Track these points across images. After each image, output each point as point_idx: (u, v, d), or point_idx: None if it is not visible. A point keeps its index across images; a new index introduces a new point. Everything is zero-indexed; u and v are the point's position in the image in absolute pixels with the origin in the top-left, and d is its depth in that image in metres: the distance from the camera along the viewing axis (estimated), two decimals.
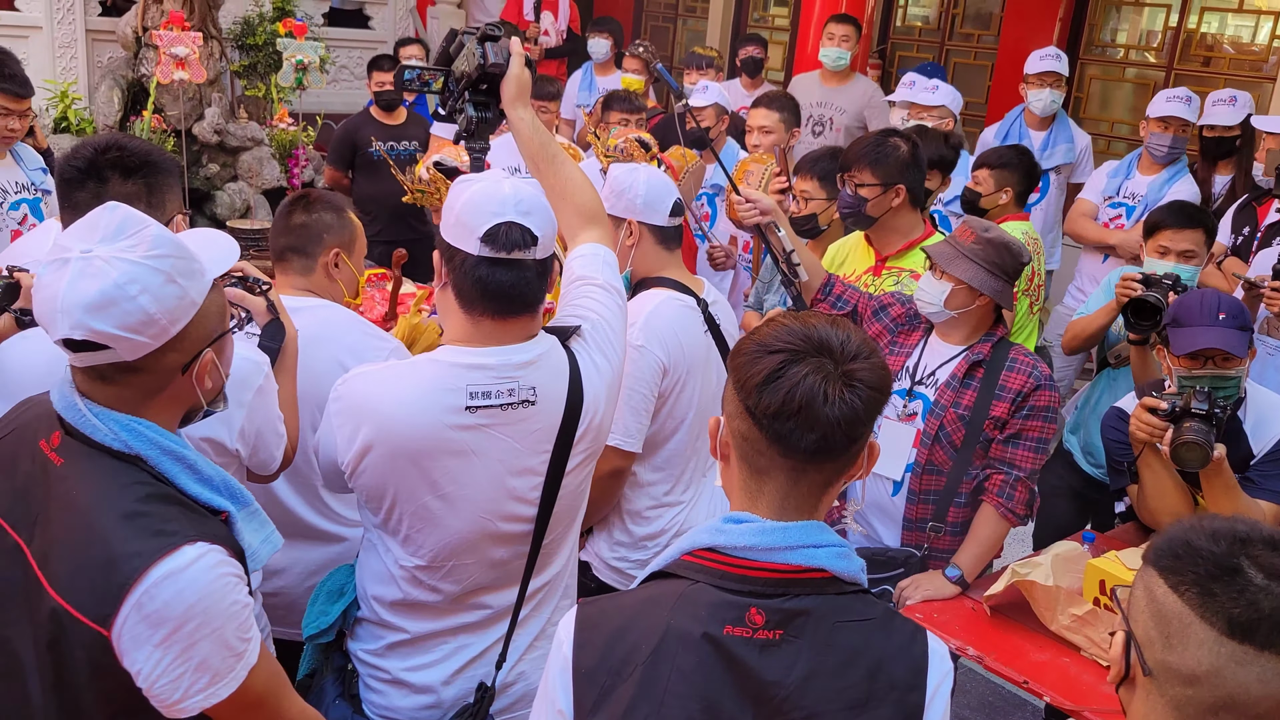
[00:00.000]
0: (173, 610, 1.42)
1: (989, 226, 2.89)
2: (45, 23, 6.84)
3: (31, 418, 1.60)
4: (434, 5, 9.14)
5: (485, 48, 2.23)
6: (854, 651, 1.37)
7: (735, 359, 1.41)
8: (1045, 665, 2.50)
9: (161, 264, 1.46)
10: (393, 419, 1.86)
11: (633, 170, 2.65)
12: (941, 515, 2.85)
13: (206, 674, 1.46)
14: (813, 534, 1.39)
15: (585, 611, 1.43)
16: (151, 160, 2.02)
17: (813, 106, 6.18)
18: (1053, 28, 7.59)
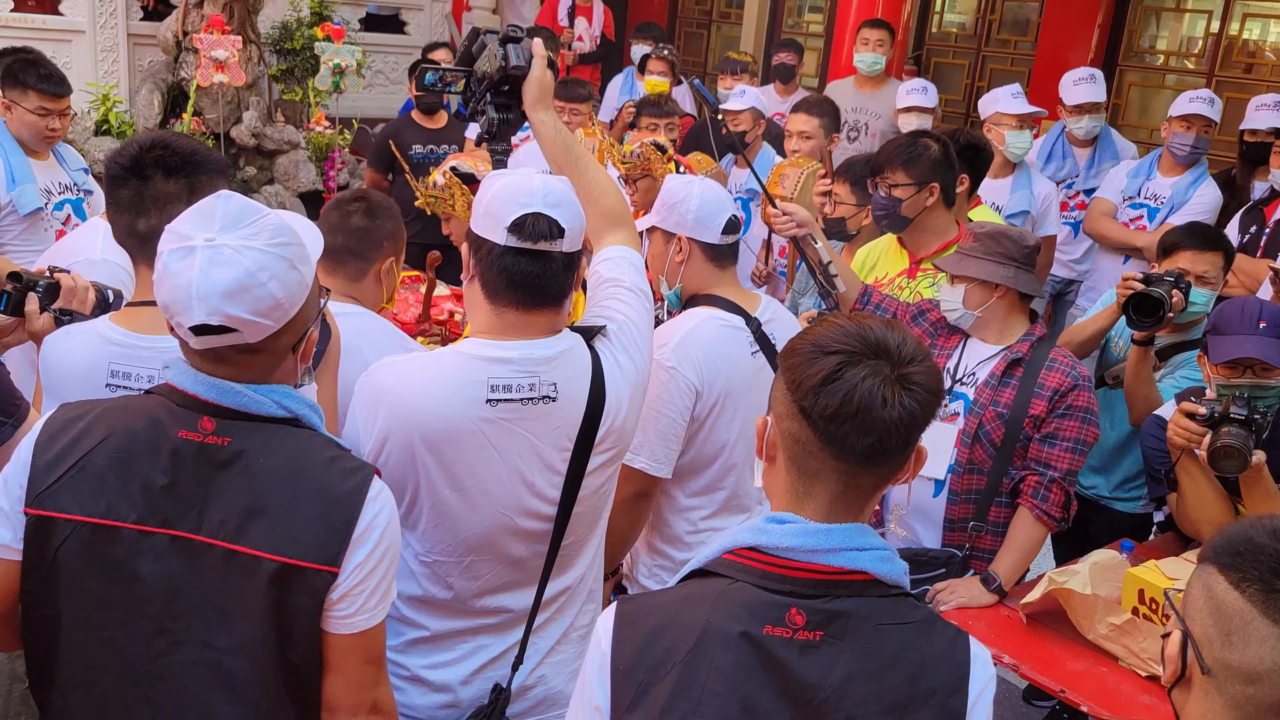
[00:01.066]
0: (373, 533, 1.56)
1: (982, 224, 2.93)
2: (88, 27, 6.96)
3: (127, 422, 1.58)
4: (469, 11, 9.20)
5: (507, 49, 2.23)
6: (895, 655, 1.35)
7: (789, 359, 1.39)
8: (1083, 674, 2.46)
9: (285, 251, 1.52)
10: (413, 408, 1.87)
11: (687, 184, 2.54)
12: (983, 515, 2.83)
13: (378, 594, 1.59)
14: (856, 537, 1.37)
15: (624, 608, 1.41)
16: (195, 160, 2.03)
17: (847, 112, 6.16)
18: (1091, 34, 7.53)
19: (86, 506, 1.54)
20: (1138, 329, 3.12)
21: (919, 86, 5.50)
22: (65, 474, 1.55)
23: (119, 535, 1.54)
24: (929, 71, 8.87)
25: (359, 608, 1.56)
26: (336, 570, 1.53)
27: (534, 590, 2.05)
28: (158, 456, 1.54)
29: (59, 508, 1.54)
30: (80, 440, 1.57)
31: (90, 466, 1.55)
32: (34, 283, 2.26)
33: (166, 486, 1.53)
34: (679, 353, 2.44)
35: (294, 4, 7.58)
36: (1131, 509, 3.48)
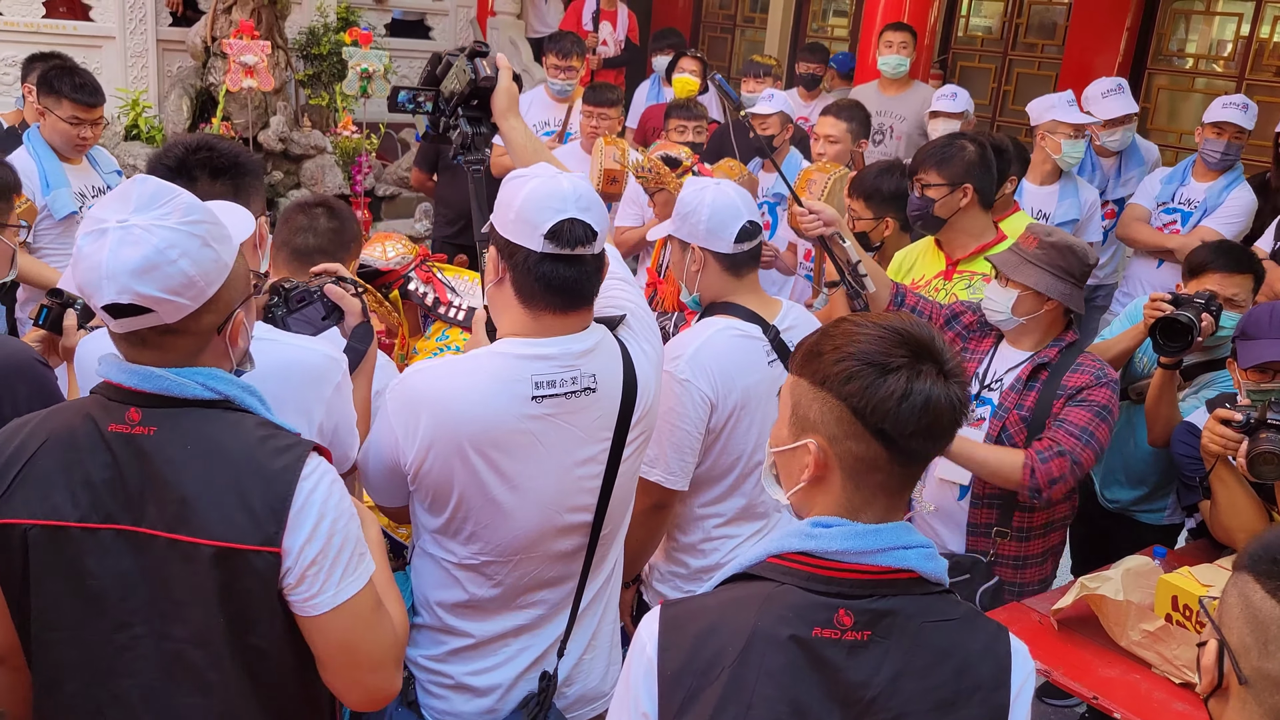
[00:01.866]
0: (312, 508, 1.53)
1: (1051, 231, 2.83)
2: (118, 33, 7.02)
3: (63, 422, 1.59)
4: (494, 15, 9.23)
5: (475, 63, 2.28)
6: (941, 651, 1.35)
7: (844, 384, 1.35)
8: (1115, 681, 2.44)
9: (197, 229, 1.51)
10: (457, 411, 1.86)
11: (699, 191, 2.51)
12: (1006, 520, 2.81)
13: (340, 567, 1.55)
14: (902, 535, 1.38)
15: (669, 613, 1.40)
16: (239, 162, 2.08)
17: (873, 115, 6.15)
18: (1120, 37, 7.48)
19: (34, 509, 1.55)
20: (1164, 354, 3.04)
21: (949, 92, 5.48)
22: (14, 480, 1.56)
23: (68, 534, 1.55)
24: (954, 75, 8.83)
25: (320, 587, 1.54)
26: (278, 550, 1.51)
27: (575, 583, 2.06)
28: (95, 453, 1.55)
29: (13, 513, 1.55)
30: (25, 445, 1.58)
31: (34, 470, 1.56)
32: (73, 301, 2.32)
33: (106, 481, 1.54)
34: (693, 365, 2.43)
35: (321, 9, 7.64)
36: (1156, 520, 3.45)
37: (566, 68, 5.78)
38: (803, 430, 1.40)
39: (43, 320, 2.32)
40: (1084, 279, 2.81)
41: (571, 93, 5.90)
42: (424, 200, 6.70)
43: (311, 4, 7.67)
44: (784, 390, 1.47)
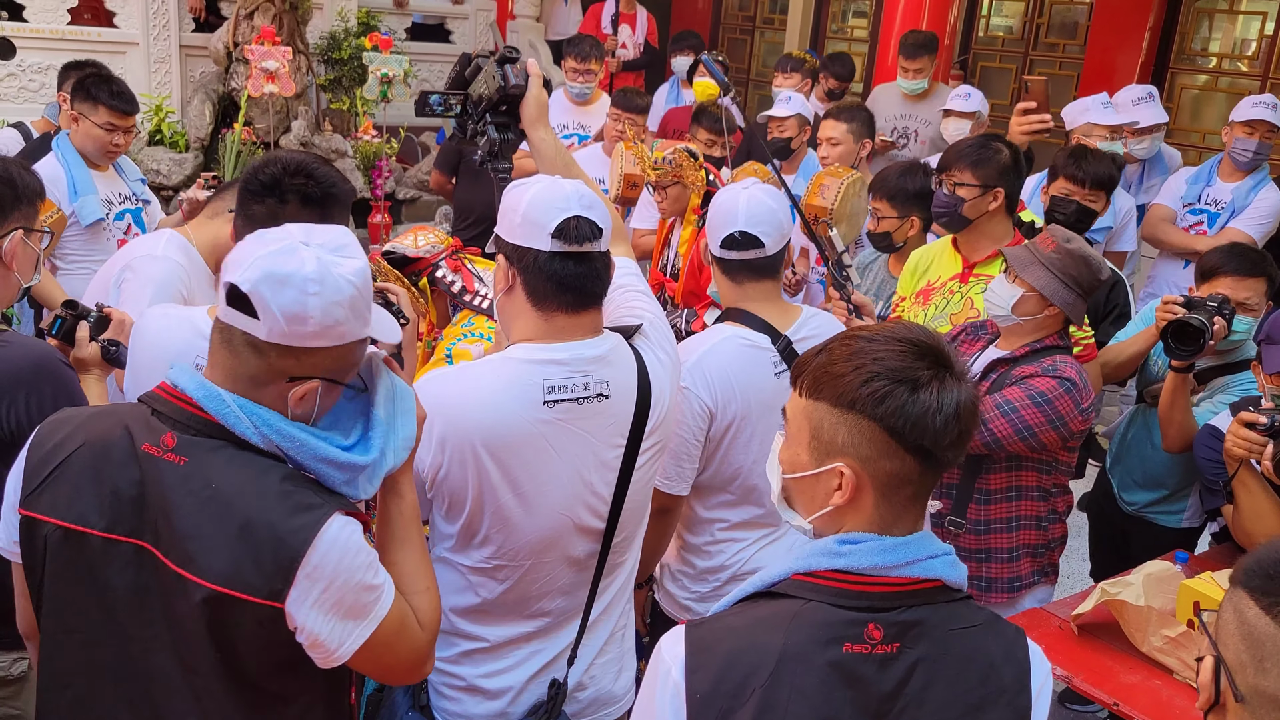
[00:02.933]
0: (323, 572, 1.51)
1: (1071, 237, 2.78)
2: (142, 39, 7.08)
3: (104, 428, 1.61)
4: (513, 19, 9.26)
5: (505, 70, 2.28)
6: (966, 658, 1.36)
7: (879, 406, 1.32)
8: (1136, 687, 2.42)
9: (348, 288, 1.52)
10: (471, 415, 1.88)
11: (733, 196, 2.50)
12: (960, 511, 2.79)
13: (353, 617, 1.55)
14: (927, 545, 1.39)
15: (695, 635, 1.38)
16: (332, 194, 2.09)
17: (895, 119, 6.13)
18: (1142, 37, 7.43)
19: (61, 511, 1.57)
20: (1176, 357, 3.02)
21: (962, 92, 5.46)
22: (48, 478, 1.58)
23: (89, 541, 1.56)
24: (975, 75, 8.79)
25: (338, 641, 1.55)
26: (280, 605, 1.50)
27: (586, 589, 2.07)
28: (126, 467, 1.55)
29: (42, 509, 1.58)
30: (64, 444, 1.60)
31: (67, 472, 1.58)
32: (86, 313, 2.36)
33: (133, 498, 1.55)
34: (693, 373, 2.43)
35: (341, 14, 7.68)
36: (1174, 523, 3.43)
37: (585, 71, 5.79)
38: (828, 455, 1.38)
39: (56, 331, 2.36)
40: (1091, 292, 2.77)
41: (590, 96, 5.92)
42: (444, 204, 6.73)
43: (332, 9, 7.72)
44: (795, 414, 1.43)
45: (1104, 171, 3.81)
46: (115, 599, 1.57)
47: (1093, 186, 3.78)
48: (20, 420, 2.06)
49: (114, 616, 1.58)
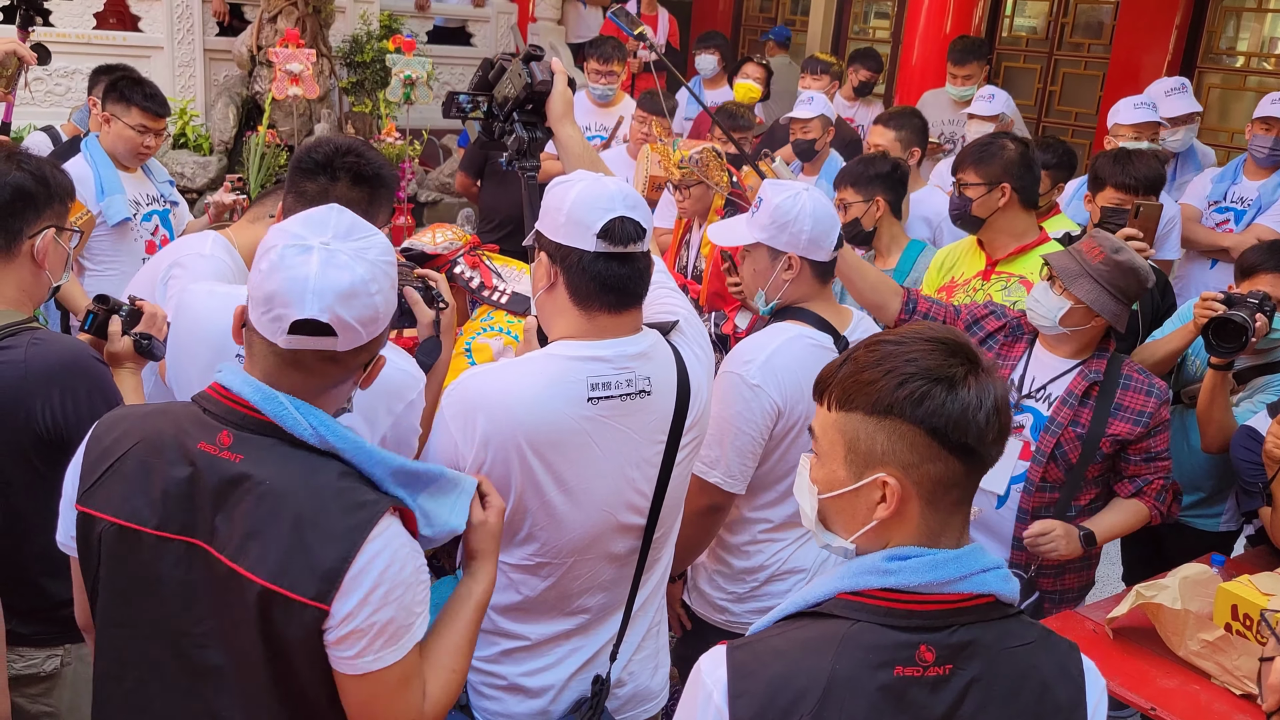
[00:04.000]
0: (370, 573, 1.49)
1: (1119, 247, 2.74)
2: (166, 43, 7.13)
3: (157, 427, 1.61)
4: (534, 21, 9.27)
5: (531, 67, 2.28)
6: (1020, 676, 1.32)
7: (918, 406, 1.29)
8: (1174, 692, 2.39)
9: (389, 270, 1.55)
10: (514, 412, 1.88)
11: (795, 199, 2.46)
12: None
13: (383, 637, 1.52)
14: (980, 559, 1.34)
15: (737, 657, 1.33)
16: (381, 174, 2.12)
17: (943, 124, 6.09)
18: (1169, 36, 7.36)
19: (116, 507, 1.58)
20: (1217, 355, 2.98)
21: (986, 94, 5.41)
22: (103, 474, 1.60)
23: (142, 538, 1.57)
24: (999, 76, 8.74)
25: (356, 652, 1.52)
26: (326, 608, 1.49)
27: (625, 586, 2.07)
28: (180, 465, 1.56)
29: (97, 506, 1.59)
30: (119, 442, 1.61)
31: (122, 469, 1.59)
32: (118, 307, 2.36)
33: (185, 495, 1.55)
34: (764, 371, 2.41)
35: (364, 17, 7.71)
36: (1211, 527, 3.38)
37: (607, 72, 5.79)
38: (867, 466, 1.33)
39: (88, 326, 2.36)
40: (1135, 301, 2.76)
41: (612, 97, 5.91)
42: (466, 206, 6.73)
43: (355, 12, 7.75)
44: (825, 430, 1.38)
45: (1153, 172, 3.69)
46: (167, 595, 1.58)
47: (1145, 191, 3.64)
48: (56, 418, 2.07)
49: (166, 613, 1.58)
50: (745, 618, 2.61)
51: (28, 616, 2.16)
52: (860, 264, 2.91)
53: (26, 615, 2.16)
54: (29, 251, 2.14)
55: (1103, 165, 3.74)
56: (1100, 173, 3.72)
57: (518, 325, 3.02)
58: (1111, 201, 3.64)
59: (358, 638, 1.50)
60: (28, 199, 2.12)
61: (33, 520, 2.13)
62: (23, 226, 2.13)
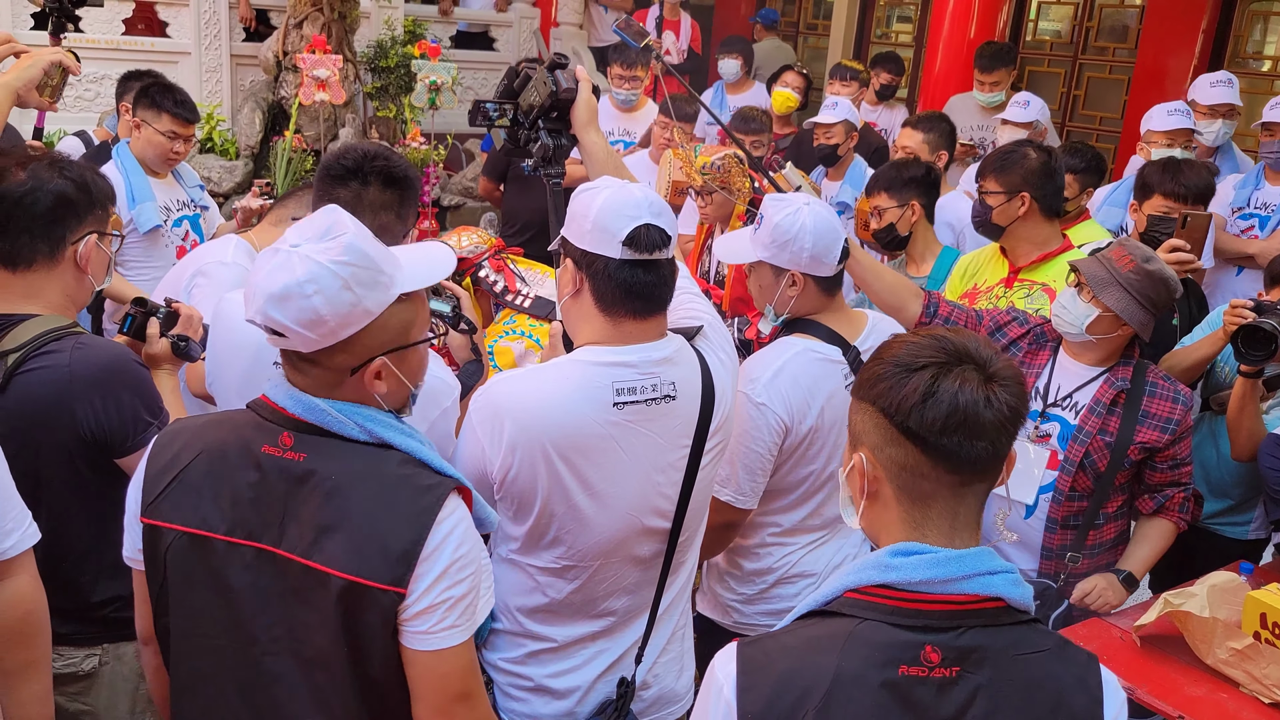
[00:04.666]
0: (445, 550, 1.54)
1: (1149, 255, 2.72)
2: (194, 48, 7.20)
3: (219, 436, 1.65)
4: (557, 26, 9.30)
5: (555, 75, 2.31)
6: (1033, 685, 1.31)
7: (875, 386, 1.36)
8: (1201, 700, 2.37)
9: (342, 270, 1.51)
10: (541, 417, 1.89)
11: (795, 215, 2.44)
12: (1080, 543, 2.77)
13: (455, 613, 1.56)
14: (986, 560, 1.34)
15: (746, 653, 1.36)
16: (409, 176, 2.14)
17: (972, 130, 6.07)
18: (1195, 40, 7.31)
19: (185, 517, 1.61)
20: (1247, 362, 2.95)
21: (1021, 100, 5.35)
22: (168, 486, 1.62)
23: (212, 545, 1.60)
24: (1023, 80, 8.70)
25: (433, 625, 1.55)
26: (404, 591, 1.52)
27: (651, 589, 2.09)
28: (244, 471, 1.59)
29: (163, 517, 1.62)
30: (181, 454, 1.64)
31: (187, 479, 1.62)
32: (156, 309, 2.39)
33: (252, 500, 1.58)
34: (770, 390, 2.43)
35: (388, 23, 7.76)
36: (1239, 535, 3.36)
37: (630, 77, 5.80)
38: (854, 447, 1.42)
39: (127, 328, 2.40)
40: (1164, 311, 2.75)
41: (636, 102, 5.92)
42: (489, 210, 6.76)
43: (379, 18, 7.80)
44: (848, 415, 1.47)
45: (1203, 182, 3.63)
46: (237, 602, 1.60)
47: (1194, 201, 3.58)
48: (100, 421, 2.11)
49: (237, 619, 1.61)
50: (754, 619, 2.63)
51: (68, 616, 2.19)
52: (876, 266, 2.91)
53: (67, 615, 2.19)
54: (72, 257, 2.18)
55: (1151, 173, 3.69)
56: (1149, 180, 3.67)
57: (540, 329, 3.04)
58: (1159, 210, 3.60)
59: (432, 611, 1.54)
60: (70, 206, 2.15)
61: (74, 522, 2.17)
62: (65, 233, 2.16)
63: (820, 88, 6.87)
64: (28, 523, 1.84)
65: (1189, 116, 4.66)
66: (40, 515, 2.05)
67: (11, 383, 2.06)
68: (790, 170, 2.89)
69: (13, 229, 2.12)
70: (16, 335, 2.09)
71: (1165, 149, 4.47)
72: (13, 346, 2.08)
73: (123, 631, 2.26)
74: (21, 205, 2.11)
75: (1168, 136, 4.55)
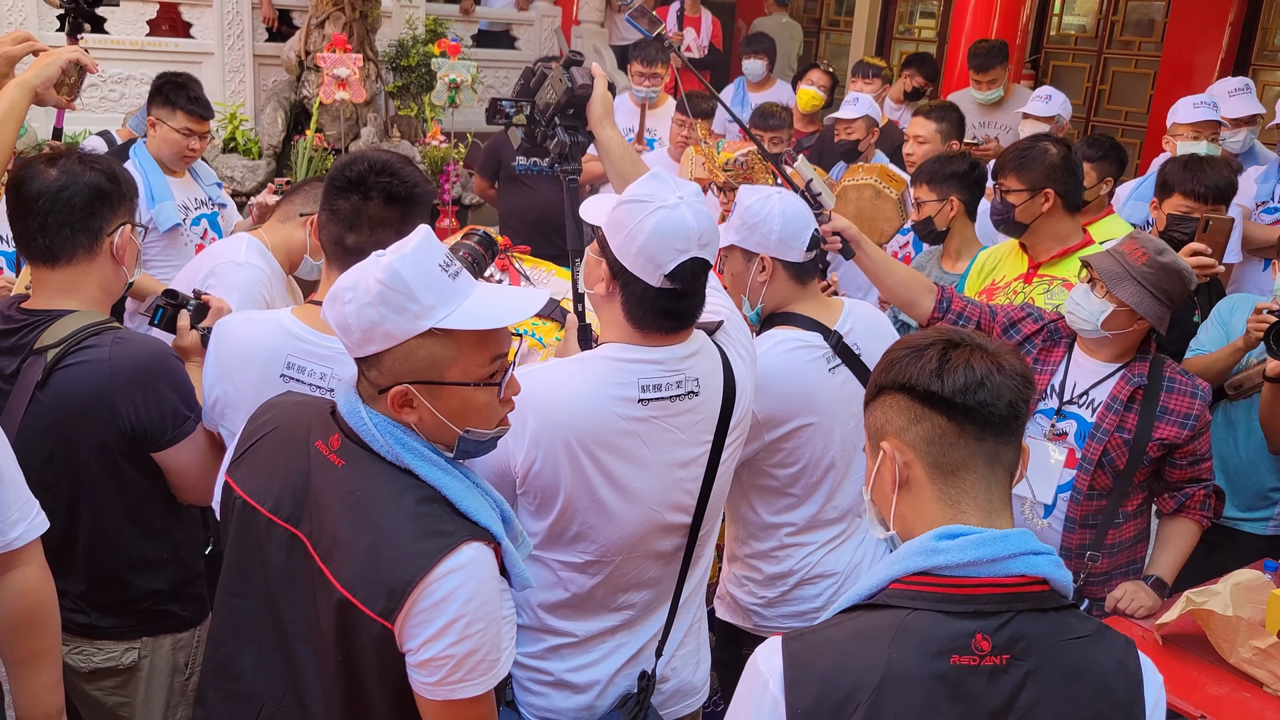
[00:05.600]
0: (452, 604, 1.51)
1: (1163, 248, 2.69)
2: (217, 49, 7.25)
3: (296, 418, 1.70)
4: (578, 24, 9.30)
5: (571, 72, 2.32)
6: (1078, 670, 1.32)
7: (890, 372, 1.40)
8: (1224, 700, 2.35)
9: (374, 287, 1.53)
10: (566, 412, 1.90)
11: (765, 200, 2.47)
12: (1100, 542, 2.74)
13: (464, 668, 1.53)
14: (1029, 541, 1.35)
15: (792, 648, 1.34)
16: (414, 194, 2.12)
17: (974, 127, 6.03)
18: (1222, 34, 7.23)
19: (245, 483, 1.69)
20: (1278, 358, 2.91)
21: (1043, 94, 5.30)
22: (246, 451, 1.72)
23: (257, 517, 1.66)
24: (1047, 75, 8.63)
25: (443, 677, 1.53)
26: (390, 626, 1.51)
27: (670, 583, 2.10)
28: (299, 458, 1.64)
29: (237, 479, 1.73)
30: (265, 424, 1.73)
31: (259, 450, 1.70)
32: (186, 301, 2.41)
33: (296, 486, 1.63)
34: None
35: (409, 22, 7.78)
36: (1259, 530, 3.31)
37: (651, 75, 5.80)
38: (876, 444, 1.43)
39: (158, 320, 2.41)
40: (1179, 304, 2.71)
41: (656, 99, 5.92)
42: None
43: (400, 17, 7.83)
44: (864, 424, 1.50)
45: (1224, 181, 3.58)
46: (273, 577, 1.66)
47: (1215, 200, 3.54)
48: (140, 415, 2.13)
49: (272, 595, 1.66)
50: (777, 622, 2.61)
51: (108, 610, 2.23)
52: (886, 260, 2.89)
53: (107, 609, 2.23)
54: (109, 248, 2.20)
55: (1172, 171, 3.64)
56: (1169, 179, 3.62)
57: (545, 328, 3.03)
58: (1179, 209, 3.54)
59: (439, 665, 1.53)
60: (104, 198, 2.18)
61: (113, 516, 2.20)
62: (102, 225, 2.18)
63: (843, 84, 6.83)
64: (34, 512, 1.87)
65: (1215, 109, 4.60)
66: (79, 510, 2.08)
67: (51, 378, 2.09)
68: (802, 163, 2.87)
69: (53, 224, 2.14)
70: (55, 331, 2.12)
71: (1192, 142, 4.42)
72: (52, 342, 2.10)
73: (161, 625, 2.31)
74: (60, 200, 2.13)
75: (1194, 129, 4.50)
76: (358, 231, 2.04)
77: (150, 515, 2.24)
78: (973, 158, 3.91)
